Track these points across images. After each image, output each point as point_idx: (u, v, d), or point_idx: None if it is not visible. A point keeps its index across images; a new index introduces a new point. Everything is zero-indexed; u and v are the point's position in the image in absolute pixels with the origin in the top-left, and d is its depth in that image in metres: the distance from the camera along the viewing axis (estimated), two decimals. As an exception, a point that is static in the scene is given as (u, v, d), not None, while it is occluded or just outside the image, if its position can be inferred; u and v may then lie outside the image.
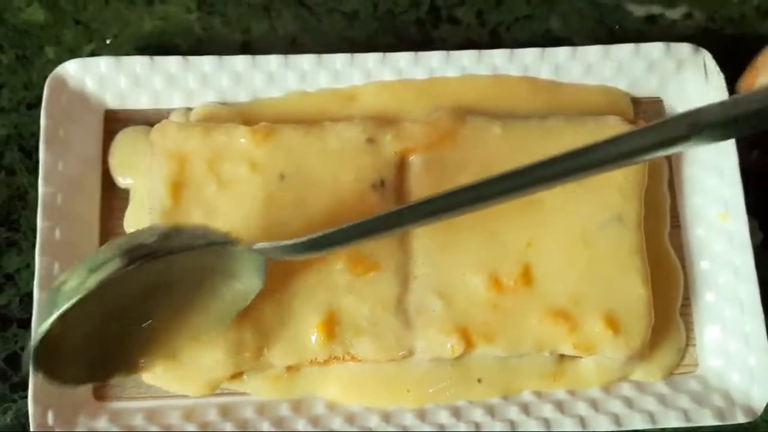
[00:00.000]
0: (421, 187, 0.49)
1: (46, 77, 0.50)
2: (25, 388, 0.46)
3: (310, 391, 0.49)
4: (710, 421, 0.47)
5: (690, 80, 0.54)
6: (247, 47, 0.55)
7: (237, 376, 0.48)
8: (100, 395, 0.48)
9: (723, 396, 0.49)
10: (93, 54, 0.54)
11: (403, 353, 0.47)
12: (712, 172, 0.52)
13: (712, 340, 0.51)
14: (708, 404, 0.48)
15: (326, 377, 0.49)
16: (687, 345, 0.51)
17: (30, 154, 0.52)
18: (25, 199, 0.52)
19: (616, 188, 0.49)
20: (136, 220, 0.50)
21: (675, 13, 0.58)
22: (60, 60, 0.52)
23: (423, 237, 0.48)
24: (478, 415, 0.48)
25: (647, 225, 0.51)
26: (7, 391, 0.49)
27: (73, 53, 0.54)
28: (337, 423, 0.47)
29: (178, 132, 0.48)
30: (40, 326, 0.36)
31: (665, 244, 0.53)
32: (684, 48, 0.53)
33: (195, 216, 0.47)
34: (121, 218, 0.51)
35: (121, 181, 0.51)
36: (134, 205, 0.50)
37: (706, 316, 0.52)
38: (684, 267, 0.53)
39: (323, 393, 0.49)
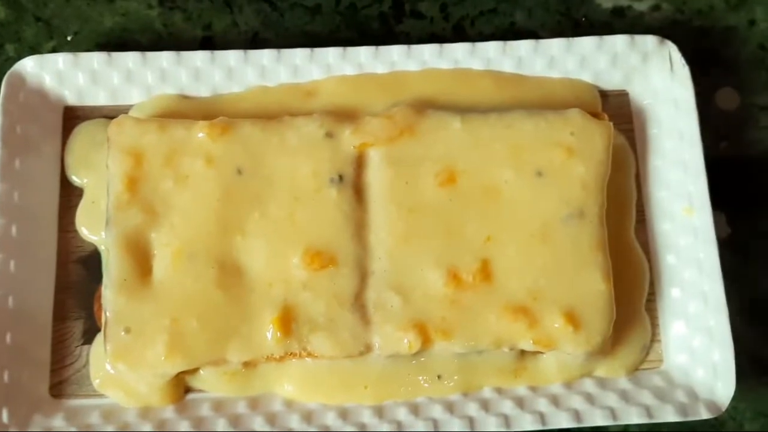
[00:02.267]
0: (379, 182, 0.49)
1: (5, 74, 0.50)
2: (-18, 385, 0.46)
3: (267, 388, 0.48)
4: (672, 417, 0.47)
5: (655, 73, 0.53)
6: (209, 43, 0.55)
7: (193, 372, 0.47)
8: (56, 392, 0.48)
9: (687, 392, 0.48)
10: (54, 51, 0.54)
11: (360, 350, 0.47)
12: (677, 166, 0.52)
13: (677, 336, 0.50)
14: (671, 400, 0.48)
15: (283, 374, 0.48)
16: (652, 341, 0.51)
17: (-10, 152, 0.52)
18: (-15, 196, 0.51)
19: (578, 182, 0.49)
20: (87, 217, 0.50)
21: (643, 5, 0.57)
22: (20, 57, 0.51)
23: (380, 231, 0.48)
24: (437, 411, 0.47)
25: (613, 219, 0.50)
26: (-36, 388, 0.49)
27: (34, 50, 0.54)
28: (294, 420, 0.47)
29: (135, 126, 0.48)
30: None
31: (631, 238, 0.52)
32: (649, 40, 0.52)
33: (151, 211, 0.47)
34: (79, 215, 0.50)
35: (75, 179, 0.51)
36: (86, 202, 0.50)
37: (671, 311, 0.51)
38: (650, 262, 0.52)
39: (280, 390, 0.48)
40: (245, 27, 0.56)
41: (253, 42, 0.55)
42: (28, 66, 0.50)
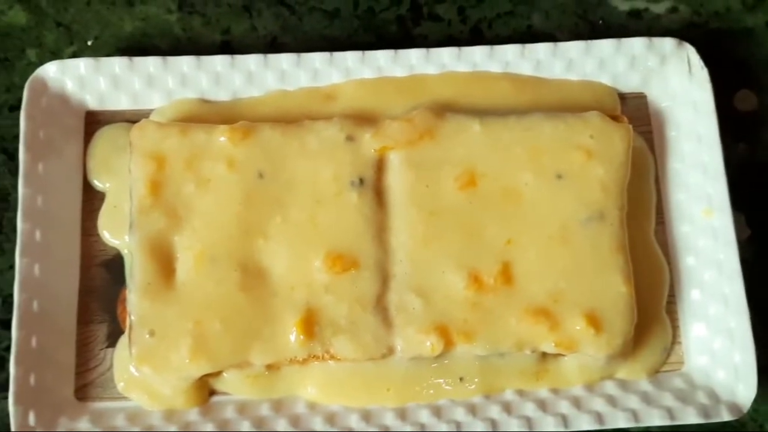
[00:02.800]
0: (400, 185, 0.49)
1: (27, 80, 0.50)
2: (7, 388, 0.47)
3: (290, 390, 0.49)
4: (694, 419, 0.47)
5: (673, 75, 0.53)
6: (228, 47, 0.55)
7: (216, 374, 0.48)
8: (81, 395, 0.48)
9: (708, 394, 0.48)
10: (74, 56, 0.54)
11: (382, 352, 0.47)
12: (696, 168, 0.52)
13: (698, 338, 0.50)
14: (692, 402, 0.48)
15: (306, 377, 0.48)
16: (673, 343, 0.51)
17: (12, 156, 0.53)
18: (8, 200, 0.52)
19: (597, 184, 0.49)
20: (110, 221, 0.50)
21: (659, 8, 0.58)
22: (42, 62, 0.52)
23: (401, 234, 0.48)
24: (460, 414, 0.48)
25: (633, 221, 0.50)
26: (-10, 391, 0.49)
27: (55, 55, 0.54)
28: (317, 422, 0.47)
29: (157, 131, 0.48)
30: None
31: (651, 240, 0.52)
32: (667, 42, 0.52)
33: (173, 215, 0.47)
34: (102, 219, 0.51)
35: (97, 184, 0.51)
36: (107, 207, 0.51)
37: (691, 313, 0.51)
38: (669, 264, 0.52)
39: (303, 393, 0.49)
40: (264, 31, 0.56)
41: (272, 46, 0.56)
42: (50, 71, 0.50)
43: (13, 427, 0.45)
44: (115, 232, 0.51)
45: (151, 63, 0.51)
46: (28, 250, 0.48)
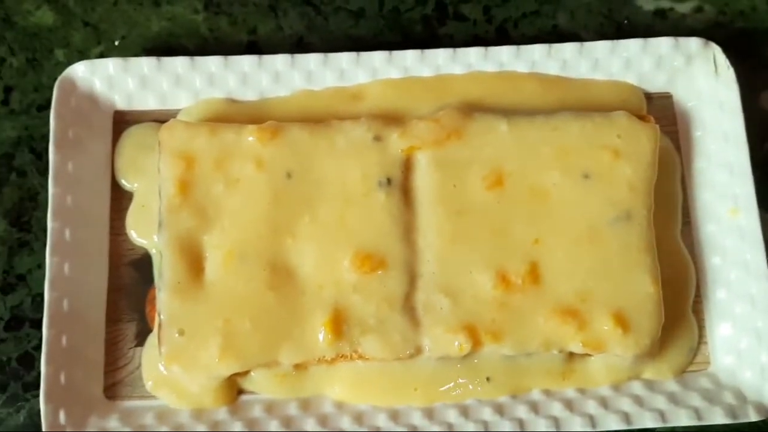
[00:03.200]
0: (427, 185, 0.49)
1: (55, 79, 0.50)
2: (38, 387, 0.47)
3: (317, 390, 0.49)
4: (722, 419, 0.47)
5: (700, 75, 0.53)
6: (254, 47, 0.55)
7: (245, 374, 0.48)
8: (110, 394, 0.49)
9: (735, 394, 0.48)
10: (101, 56, 0.54)
11: (410, 352, 0.47)
12: (722, 168, 0.52)
13: (724, 338, 0.50)
14: (719, 402, 0.48)
15: (334, 376, 0.49)
16: (699, 343, 0.51)
17: (40, 156, 0.53)
18: (36, 200, 0.52)
19: (625, 184, 0.49)
20: (137, 221, 0.51)
21: (685, 7, 0.57)
22: (69, 62, 0.52)
23: (429, 234, 0.48)
24: (487, 413, 0.48)
25: (659, 221, 0.50)
26: (20, 390, 0.49)
27: (82, 55, 0.54)
28: (345, 422, 0.47)
29: (186, 130, 0.49)
30: None
31: (677, 240, 0.52)
32: (693, 42, 0.52)
33: (202, 214, 0.48)
34: (130, 218, 0.51)
35: (125, 183, 0.52)
36: (135, 206, 0.51)
37: (717, 313, 0.51)
38: (695, 264, 0.52)
39: (331, 392, 0.49)
40: (290, 31, 0.56)
41: (298, 46, 0.56)
42: (79, 71, 0.51)
43: (44, 426, 0.45)
44: (142, 232, 0.51)
45: (179, 63, 0.51)
46: (57, 249, 0.48)
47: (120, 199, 0.51)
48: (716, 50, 0.52)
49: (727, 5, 0.57)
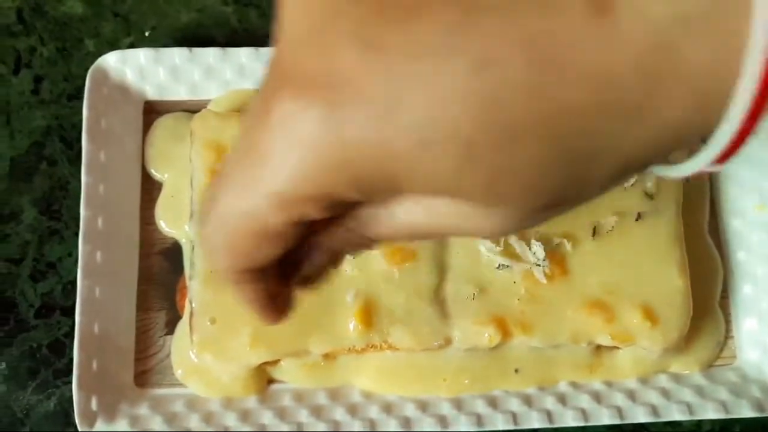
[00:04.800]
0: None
1: (85, 69, 0.50)
2: (68, 374, 0.47)
3: (346, 379, 0.49)
4: (748, 412, 0.47)
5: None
6: (283, 39, 0.56)
7: (274, 363, 0.48)
8: (141, 382, 0.49)
9: (761, 387, 0.49)
10: (131, 46, 0.54)
11: (439, 342, 0.47)
12: (749, 163, 0.52)
13: (750, 332, 0.51)
14: (746, 396, 0.48)
15: (362, 366, 0.49)
16: (726, 337, 0.51)
17: (71, 145, 0.53)
18: (67, 189, 0.52)
19: (654, 176, 0.49)
20: (167, 211, 0.51)
21: None
22: (99, 52, 0.52)
23: (459, 227, 0.49)
24: (515, 405, 0.48)
25: (686, 215, 0.50)
26: (51, 377, 0.50)
27: (112, 45, 0.54)
28: (373, 411, 0.48)
29: (218, 121, 0.49)
30: None
31: (704, 235, 0.52)
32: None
33: (234, 205, 0.48)
34: (160, 208, 0.51)
35: (155, 173, 0.52)
36: (165, 197, 0.51)
37: (743, 307, 0.51)
38: (722, 258, 0.52)
39: (359, 382, 0.49)
40: (318, 23, 0.56)
41: (326, 38, 0.56)
42: (111, 61, 0.51)
43: (76, 413, 0.46)
44: (171, 222, 0.51)
45: (210, 54, 0.51)
46: (90, 238, 0.48)
47: (150, 189, 0.52)
48: (744, 46, 0.52)
49: None
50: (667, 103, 0.18)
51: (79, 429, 0.46)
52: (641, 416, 0.47)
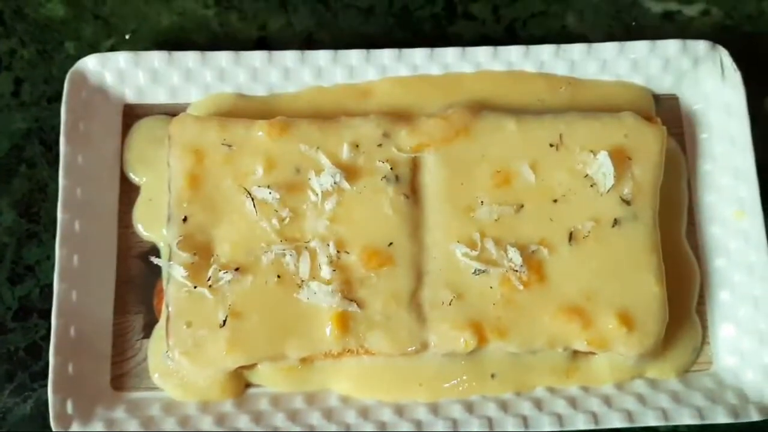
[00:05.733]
0: (435, 182, 0.49)
1: (66, 72, 0.51)
2: (45, 377, 0.47)
3: (323, 384, 0.49)
4: (723, 418, 0.47)
5: (706, 78, 0.53)
6: (264, 43, 0.56)
7: (251, 367, 0.48)
8: (117, 385, 0.49)
9: (737, 394, 0.49)
10: (112, 49, 0.54)
11: (416, 347, 0.47)
12: (727, 171, 0.52)
13: (727, 338, 0.51)
14: (722, 402, 0.48)
15: (339, 371, 0.49)
16: (702, 343, 0.51)
17: (50, 148, 0.53)
18: (45, 191, 0.52)
19: (631, 184, 0.49)
20: (144, 214, 0.51)
21: (692, 10, 0.58)
22: (80, 55, 0.52)
23: (436, 231, 0.49)
24: (492, 409, 0.48)
25: (665, 222, 0.51)
26: (28, 380, 0.50)
27: (93, 48, 0.54)
28: (350, 416, 0.48)
29: (196, 124, 0.49)
30: None
31: (682, 241, 0.53)
32: (701, 45, 0.53)
33: (211, 208, 0.48)
34: (139, 211, 0.51)
35: (133, 177, 0.52)
36: (142, 200, 0.51)
37: (720, 314, 0.51)
38: (700, 265, 0.52)
39: (336, 386, 0.49)
40: (300, 27, 0.56)
41: (308, 42, 0.56)
42: (90, 64, 0.51)
43: (51, 416, 0.46)
44: (149, 225, 0.51)
45: (190, 57, 0.51)
46: (67, 241, 0.48)
47: (128, 192, 0.52)
48: (723, 53, 0.53)
49: (734, 9, 0.58)
50: None
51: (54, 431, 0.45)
52: (617, 421, 0.47)
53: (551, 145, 0.50)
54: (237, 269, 0.47)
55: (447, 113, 0.50)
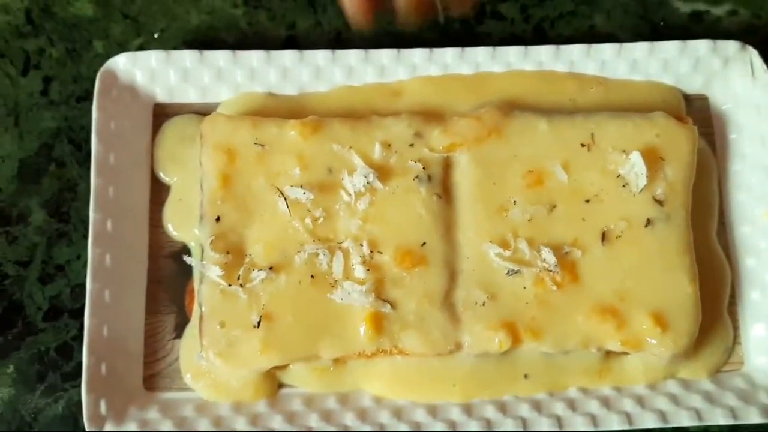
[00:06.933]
0: (467, 182, 0.49)
1: (95, 71, 0.50)
2: (76, 377, 0.47)
3: (355, 384, 0.49)
4: (757, 418, 0.47)
5: (736, 78, 0.53)
6: (293, 42, 0.56)
7: (284, 367, 0.48)
8: (150, 385, 0.49)
9: (769, 394, 0.49)
10: (141, 48, 0.54)
11: (450, 348, 0.47)
12: (757, 170, 0.52)
13: (758, 338, 0.51)
14: (754, 402, 0.48)
15: (372, 371, 0.49)
16: (734, 343, 0.51)
17: (80, 147, 0.53)
18: (75, 191, 0.52)
19: (664, 184, 0.49)
20: (175, 214, 0.51)
21: (720, 10, 0.58)
22: (108, 54, 0.52)
23: (468, 231, 0.49)
24: (525, 410, 0.48)
25: (695, 222, 0.51)
26: (59, 380, 0.50)
27: (122, 47, 0.54)
28: (384, 416, 0.47)
29: (227, 124, 0.49)
30: None
31: (713, 241, 0.53)
32: (731, 45, 0.53)
33: (243, 208, 0.48)
34: (170, 211, 0.51)
35: (164, 177, 0.52)
36: (173, 200, 0.51)
37: (751, 313, 0.51)
38: (730, 265, 0.52)
39: (369, 387, 0.49)
40: (328, 27, 0.56)
41: (336, 42, 0.56)
42: (121, 63, 0.51)
43: (85, 416, 0.45)
44: (179, 225, 0.51)
45: (220, 57, 0.51)
46: (99, 240, 0.48)
47: (159, 191, 0.51)
48: (753, 53, 0.53)
49: (762, 8, 0.58)
50: None
51: (87, 431, 0.45)
52: (650, 422, 0.47)
53: (583, 145, 0.50)
54: (271, 268, 0.47)
55: (478, 113, 0.50)
